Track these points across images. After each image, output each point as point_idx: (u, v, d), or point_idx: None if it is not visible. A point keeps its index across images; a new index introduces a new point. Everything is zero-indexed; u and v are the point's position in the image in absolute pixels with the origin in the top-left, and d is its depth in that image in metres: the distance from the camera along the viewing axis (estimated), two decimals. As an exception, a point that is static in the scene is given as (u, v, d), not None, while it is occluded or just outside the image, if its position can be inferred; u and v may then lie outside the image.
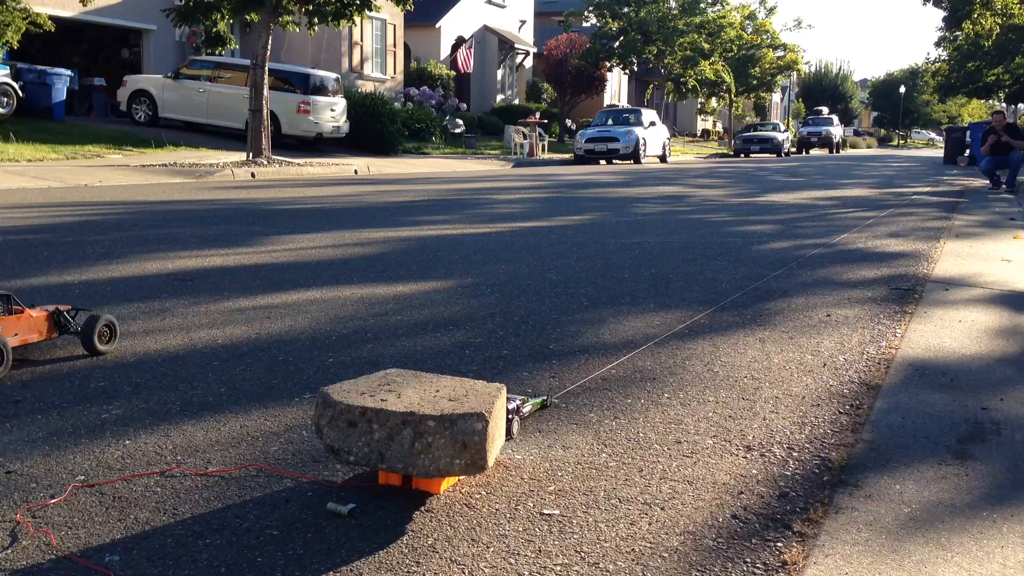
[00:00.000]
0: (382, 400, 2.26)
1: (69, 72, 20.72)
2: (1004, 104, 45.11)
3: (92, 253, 6.25)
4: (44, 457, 2.50)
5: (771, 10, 48.92)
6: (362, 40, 30.08)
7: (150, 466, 2.45)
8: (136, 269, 5.67)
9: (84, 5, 17.69)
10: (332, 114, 21.97)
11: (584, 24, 40.63)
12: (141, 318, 4.25)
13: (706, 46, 40.20)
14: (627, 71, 43.45)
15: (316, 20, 18.04)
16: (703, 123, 58.30)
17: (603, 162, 28.14)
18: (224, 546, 2.00)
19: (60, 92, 20.01)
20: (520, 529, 2.12)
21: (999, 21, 26.63)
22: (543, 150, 29.39)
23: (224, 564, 1.92)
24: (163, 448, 2.58)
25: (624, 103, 44.94)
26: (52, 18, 18.62)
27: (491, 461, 2.27)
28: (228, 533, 2.07)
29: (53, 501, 2.22)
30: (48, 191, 11.72)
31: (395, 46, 32.07)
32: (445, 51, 34.57)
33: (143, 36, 24.92)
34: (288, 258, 6.31)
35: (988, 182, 16.81)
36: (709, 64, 40.94)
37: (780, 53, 50.37)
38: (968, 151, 28.04)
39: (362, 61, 30.45)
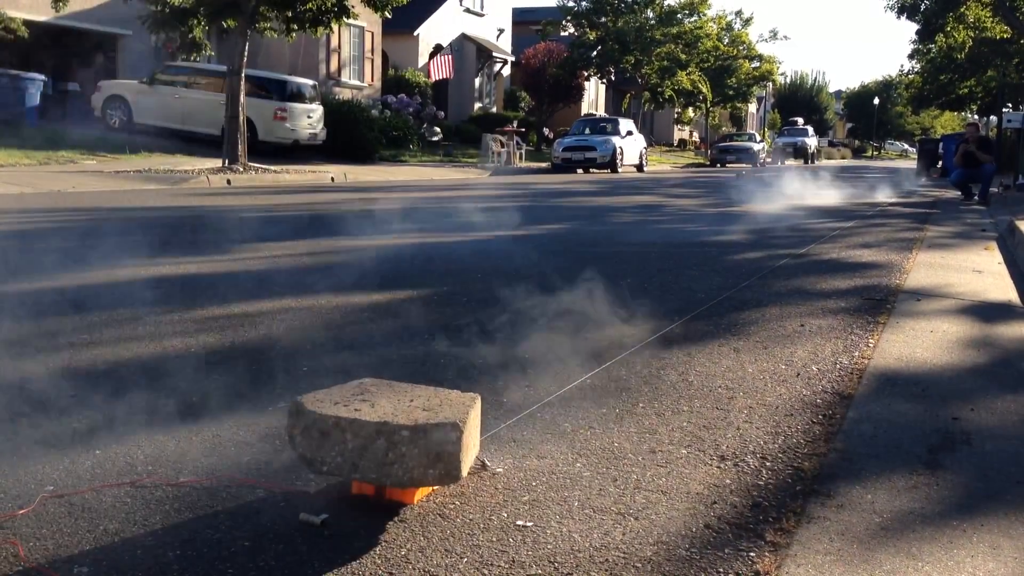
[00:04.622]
0: (356, 410, 2.25)
1: (43, 77, 20.52)
2: (976, 117, 45.66)
3: (64, 260, 6.19)
4: (13, 467, 2.47)
5: (747, 21, 49.28)
6: (340, 47, 30.01)
7: (120, 476, 2.43)
8: (108, 276, 5.62)
9: (57, 11, 17.53)
10: (309, 121, 21.90)
11: (562, 33, 40.74)
12: (113, 326, 4.21)
13: (683, 56, 40.44)
14: (604, 80, 43.63)
15: (293, 27, 18.00)
16: (680, 133, 58.58)
17: (580, 171, 28.19)
18: (195, 557, 1.98)
19: (34, 97, 19.81)
20: (494, 539, 2.12)
21: (972, 34, 26.97)
22: (520, 159, 29.43)
23: (195, 576, 1.91)
24: (134, 458, 2.56)
25: (601, 112, 45.03)
26: (26, 23, 18.46)
27: (465, 471, 2.27)
28: (199, 544, 2.05)
29: (21, 512, 2.19)
30: (21, 197, 11.60)
31: (373, 53, 32.03)
32: (423, 59, 34.54)
33: (118, 41, 24.73)
34: (263, 266, 6.27)
35: (960, 193, 17.01)
36: (686, 74, 41.17)
37: (756, 64, 50.75)
38: (941, 163, 28.36)
39: (340, 68, 30.37)
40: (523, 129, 33.09)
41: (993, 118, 38.39)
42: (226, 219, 9.62)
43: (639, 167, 30.98)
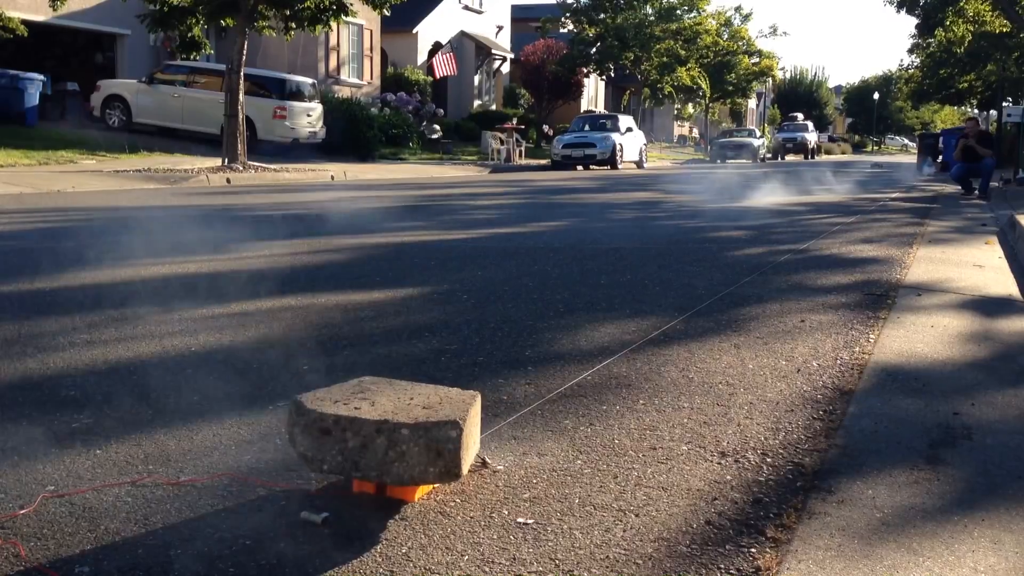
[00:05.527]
0: (356, 408, 2.25)
1: (42, 77, 20.51)
2: (977, 111, 45.60)
3: (64, 260, 6.19)
4: (13, 467, 2.47)
5: (747, 17, 49.27)
6: (339, 45, 30.00)
7: (121, 476, 2.43)
8: (109, 276, 5.62)
9: (55, 10, 17.52)
10: (308, 119, 21.90)
11: (561, 30, 40.75)
12: (113, 325, 4.21)
13: (682, 52, 40.43)
14: (604, 77, 43.61)
15: (292, 25, 17.99)
16: (679, 129, 58.60)
17: (580, 168, 28.20)
18: (196, 557, 1.98)
19: (33, 97, 19.81)
20: (495, 537, 2.12)
21: (971, 28, 26.90)
22: (520, 156, 29.43)
23: (196, 575, 1.91)
24: (135, 457, 2.56)
25: (601, 109, 45.05)
26: (25, 22, 18.45)
27: (465, 469, 2.26)
28: (200, 543, 2.05)
29: (22, 512, 2.19)
30: (20, 197, 11.60)
31: (372, 51, 32.02)
32: (422, 56, 34.53)
33: (117, 41, 24.74)
34: (263, 264, 6.27)
35: (960, 188, 17.00)
36: (685, 70, 41.17)
37: (755, 59, 50.73)
38: (941, 157, 28.35)
39: (339, 66, 30.37)
40: (523, 126, 33.09)
41: (993, 112, 38.38)
42: (226, 218, 9.61)
43: (639, 163, 30.98)
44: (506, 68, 41.53)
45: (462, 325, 4.36)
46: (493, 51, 39.55)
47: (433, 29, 35.44)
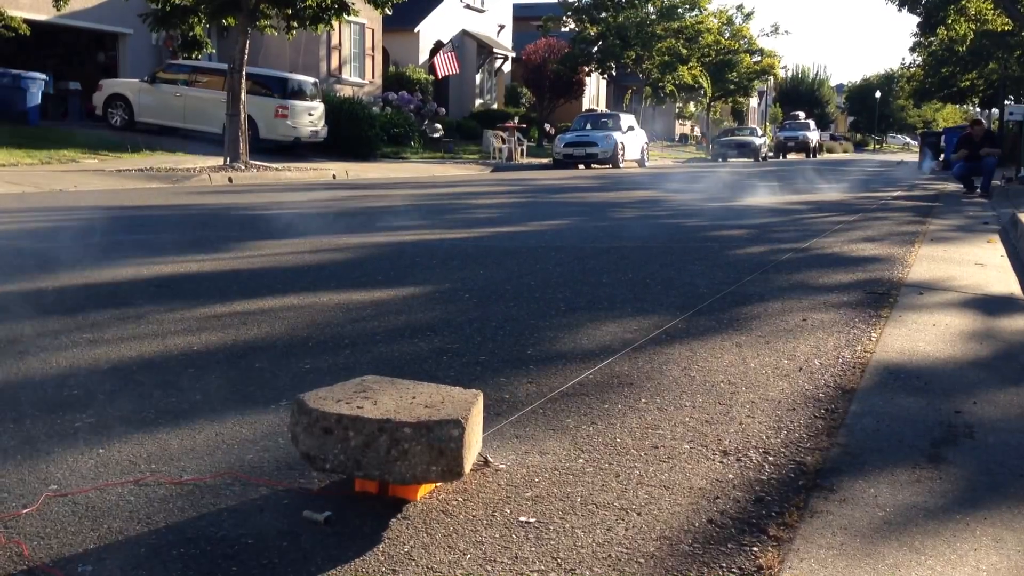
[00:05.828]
0: (358, 407, 2.25)
1: (44, 76, 20.54)
2: (978, 109, 45.57)
3: (67, 259, 6.19)
4: (16, 466, 2.47)
5: (748, 16, 49.25)
6: (340, 44, 30.01)
7: (124, 475, 2.43)
8: (111, 275, 5.62)
9: (58, 9, 17.54)
10: (310, 118, 21.91)
11: (563, 29, 40.76)
12: (116, 325, 4.22)
13: (684, 51, 40.44)
14: (605, 76, 43.60)
15: (294, 24, 18.00)
16: (681, 128, 58.54)
17: (581, 166, 28.19)
18: (198, 555, 1.99)
19: (35, 96, 19.83)
20: (497, 536, 2.12)
21: (973, 27, 26.91)
22: (522, 154, 29.43)
23: (198, 574, 1.91)
24: (137, 456, 2.56)
25: (603, 108, 45.02)
26: (27, 22, 18.47)
27: (467, 468, 2.27)
28: (202, 542, 2.05)
29: (25, 511, 2.20)
30: (23, 196, 11.61)
31: (373, 50, 32.02)
32: (424, 55, 34.52)
33: (119, 40, 24.75)
34: (265, 264, 6.28)
35: (962, 186, 16.99)
36: (687, 69, 41.15)
37: (757, 58, 50.72)
38: (943, 156, 28.35)
39: (340, 65, 30.37)
40: (524, 125, 33.09)
41: (995, 111, 38.34)
42: (228, 217, 9.62)
43: (640, 162, 30.96)
44: (508, 67, 41.53)
45: (464, 324, 4.36)
46: (495, 50, 39.55)
47: (435, 28, 35.45)
